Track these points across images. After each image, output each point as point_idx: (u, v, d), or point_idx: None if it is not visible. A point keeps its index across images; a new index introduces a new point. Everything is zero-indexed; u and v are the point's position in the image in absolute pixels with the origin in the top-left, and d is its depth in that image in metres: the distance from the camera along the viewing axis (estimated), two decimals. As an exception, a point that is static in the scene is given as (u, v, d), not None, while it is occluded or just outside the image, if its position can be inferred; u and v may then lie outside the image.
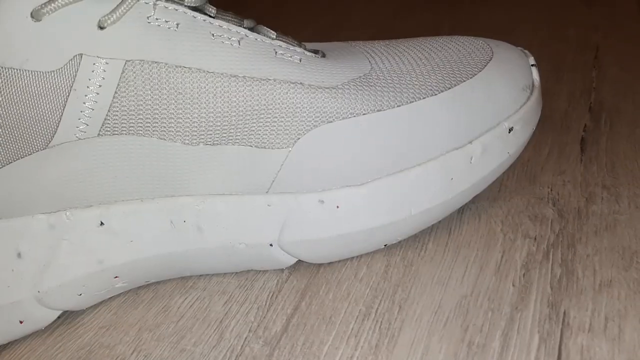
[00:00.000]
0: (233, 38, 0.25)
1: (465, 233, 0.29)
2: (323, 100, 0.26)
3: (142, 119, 0.24)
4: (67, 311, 0.27)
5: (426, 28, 0.57)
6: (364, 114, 0.26)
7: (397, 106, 0.26)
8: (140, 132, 0.25)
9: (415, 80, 0.27)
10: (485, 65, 0.28)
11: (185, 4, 0.25)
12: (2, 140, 0.23)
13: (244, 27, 0.26)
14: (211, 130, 0.25)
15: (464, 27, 0.56)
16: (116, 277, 0.27)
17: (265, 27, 0.27)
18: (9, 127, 0.23)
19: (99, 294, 0.27)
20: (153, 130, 0.25)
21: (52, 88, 0.23)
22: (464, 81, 0.28)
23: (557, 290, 0.25)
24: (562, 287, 0.25)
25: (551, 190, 0.31)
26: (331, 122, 0.26)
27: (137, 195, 0.26)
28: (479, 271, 0.26)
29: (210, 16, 0.25)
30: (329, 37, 0.47)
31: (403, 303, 0.25)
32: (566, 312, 0.24)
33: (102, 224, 0.26)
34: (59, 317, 0.27)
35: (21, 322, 0.26)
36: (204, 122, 0.25)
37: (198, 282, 0.28)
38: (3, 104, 0.23)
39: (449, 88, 0.27)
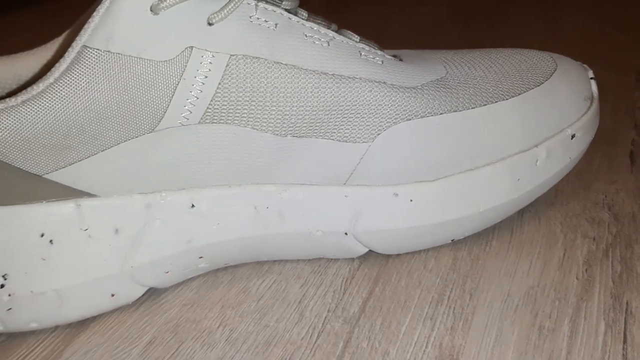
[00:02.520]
0: (323, 39, 0.28)
1: (527, 232, 0.31)
2: (403, 99, 0.28)
3: (239, 109, 0.26)
4: (151, 288, 0.29)
5: (464, 47, 0.59)
6: (440, 114, 0.28)
7: (472, 108, 0.28)
8: (237, 121, 0.27)
9: (488, 85, 0.29)
10: (551, 76, 0.30)
11: (282, 6, 0.27)
12: (115, 122, 0.25)
13: (331, 30, 0.28)
14: (299, 123, 0.27)
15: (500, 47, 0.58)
16: (201, 257, 0.29)
17: (349, 31, 0.29)
18: (123, 110, 0.25)
19: (183, 272, 0.29)
20: (248, 121, 0.27)
21: (165, 76, 0.25)
22: (532, 89, 0.30)
23: (618, 284, 0.27)
24: (623, 281, 0.27)
25: (605, 196, 0.33)
26: (410, 119, 0.28)
27: (226, 181, 0.28)
28: (543, 266, 0.28)
29: (302, 19, 0.28)
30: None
31: (473, 292, 0.27)
32: (629, 302, 0.25)
33: (192, 206, 0.28)
34: (143, 294, 0.29)
35: (112, 295, 0.28)
36: (294, 115, 0.27)
37: (273, 267, 0.30)
38: (119, 88, 0.25)
39: (519, 94, 0.29)
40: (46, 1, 0.83)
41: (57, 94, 0.24)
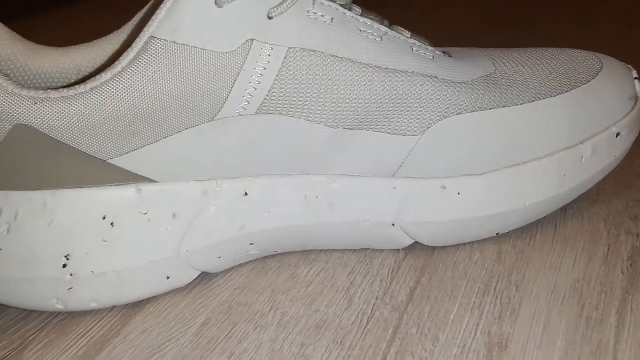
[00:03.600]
0: (376, 34, 0.28)
1: (571, 228, 0.31)
2: (454, 93, 0.28)
3: (294, 101, 0.27)
4: (203, 273, 0.30)
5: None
6: (490, 109, 0.29)
7: (521, 104, 0.29)
8: (291, 113, 0.28)
9: (537, 82, 0.30)
10: (597, 74, 0.31)
11: (338, 2, 0.28)
12: (177, 110, 0.26)
13: (384, 26, 0.29)
14: (352, 116, 0.28)
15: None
16: (252, 244, 0.30)
17: (400, 28, 0.30)
18: (185, 99, 0.26)
19: (234, 258, 0.30)
20: (302, 112, 0.28)
21: (226, 67, 0.26)
22: (579, 87, 0.30)
23: (664, 280, 0.27)
24: (669, 277, 0.27)
25: (648, 195, 0.33)
26: (460, 114, 0.28)
27: (278, 170, 0.29)
28: (588, 260, 0.29)
29: (357, 14, 0.29)
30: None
31: (519, 283, 0.28)
32: (676, 298, 0.26)
33: (245, 194, 0.29)
34: (196, 278, 0.30)
35: (168, 278, 0.29)
36: (347, 107, 0.28)
37: (320, 255, 0.31)
38: (183, 77, 0.26)
39: (566, 92, 0.30)
40: (82, 1, 0.86)
41: (124, 82, 0.25)
